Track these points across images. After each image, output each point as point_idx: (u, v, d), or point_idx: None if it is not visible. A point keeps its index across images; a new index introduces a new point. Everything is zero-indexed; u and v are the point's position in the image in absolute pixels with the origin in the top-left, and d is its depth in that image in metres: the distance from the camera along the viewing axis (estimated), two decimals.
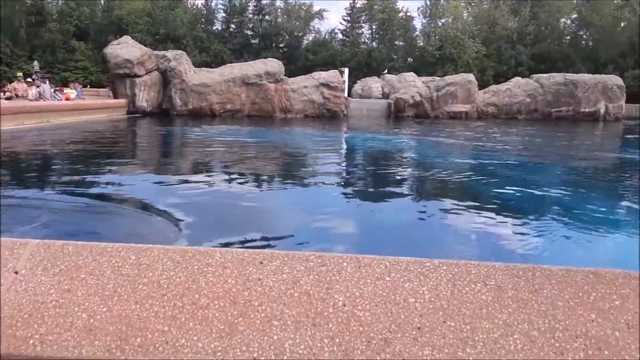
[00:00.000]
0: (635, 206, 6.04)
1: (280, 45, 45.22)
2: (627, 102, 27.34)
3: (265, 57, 29.48)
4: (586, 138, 17.58)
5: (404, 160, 10.82)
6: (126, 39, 23.72)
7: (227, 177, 7.49)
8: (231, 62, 29.35)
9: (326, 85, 24.16)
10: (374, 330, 1.70)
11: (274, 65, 24.06)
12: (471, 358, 1.60)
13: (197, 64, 29.53)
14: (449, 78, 26.64)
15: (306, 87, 24.05)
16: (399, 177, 7.96)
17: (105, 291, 1.86)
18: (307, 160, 10.16)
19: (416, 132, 17.72)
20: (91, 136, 13.53)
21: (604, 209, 5.77)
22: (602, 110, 26.35)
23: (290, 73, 28.55)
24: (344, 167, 9.36)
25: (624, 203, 6.33)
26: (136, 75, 21.70)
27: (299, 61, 41.38)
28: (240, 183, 6.97)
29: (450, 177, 8.13)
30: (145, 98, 22.08)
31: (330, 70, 26.46)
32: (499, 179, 8.13)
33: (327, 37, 46.77)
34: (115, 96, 22.54)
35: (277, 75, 23.58)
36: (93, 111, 18.65)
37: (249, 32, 45.65)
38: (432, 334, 1.68)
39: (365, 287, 1.86)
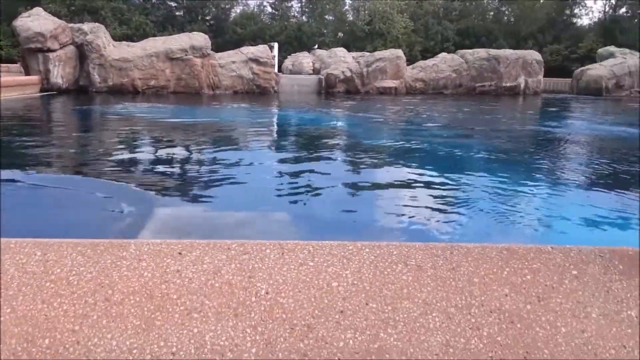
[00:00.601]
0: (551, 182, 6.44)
1: (207, 18, 43.62)
2: (545, 76, 28.91)
3: (190, 31, 28.37)
4: (515, 111, 18.45)
5: (335, 139, 10.91)
6: (38, 10, 21.99)
7: (149, 165, 7.22)
8: (154, 36, 28.05)
9: (255, 60, 23.70)
10: (297, 316, 1.69)
11: (199, 39, 23.23)
12: (392, 338, 1.63)
13: (117, 38, 28.02)
14: (378, 54, 26.91)
15: (234, 62, 23.47)
16: (329, 158, 8.00)
17: (9, 290, 1.74)
18: (235, 141, 9.98)
19: (349, 109, 17.85)
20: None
21: (524, 183, 6.10)
22: (522, 85, 27.75)
23: (217, 47, 27.73)
24: (274, 150, 9.28)
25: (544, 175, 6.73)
26: (49, 50, 20.26)
27: (226, 35, 40.18)
28: (165, 173, 6.73)
29: (380, 155, 8.28)
30: (60, 74, 20.71)
31: (260, 45, 25.94)
32: (427, 155, 8.38)
33: (255, 10, 45.75)
34: (27, 72, 20.99)
35: (204, 49, 22.83)
36: (3, 89, 17.27)
37: (173, 4, 43.66)
38: (355, 317, 1.69)
39: (289, 274, 1.84)
